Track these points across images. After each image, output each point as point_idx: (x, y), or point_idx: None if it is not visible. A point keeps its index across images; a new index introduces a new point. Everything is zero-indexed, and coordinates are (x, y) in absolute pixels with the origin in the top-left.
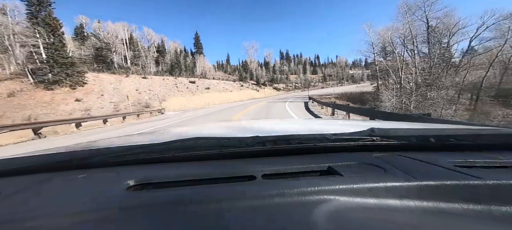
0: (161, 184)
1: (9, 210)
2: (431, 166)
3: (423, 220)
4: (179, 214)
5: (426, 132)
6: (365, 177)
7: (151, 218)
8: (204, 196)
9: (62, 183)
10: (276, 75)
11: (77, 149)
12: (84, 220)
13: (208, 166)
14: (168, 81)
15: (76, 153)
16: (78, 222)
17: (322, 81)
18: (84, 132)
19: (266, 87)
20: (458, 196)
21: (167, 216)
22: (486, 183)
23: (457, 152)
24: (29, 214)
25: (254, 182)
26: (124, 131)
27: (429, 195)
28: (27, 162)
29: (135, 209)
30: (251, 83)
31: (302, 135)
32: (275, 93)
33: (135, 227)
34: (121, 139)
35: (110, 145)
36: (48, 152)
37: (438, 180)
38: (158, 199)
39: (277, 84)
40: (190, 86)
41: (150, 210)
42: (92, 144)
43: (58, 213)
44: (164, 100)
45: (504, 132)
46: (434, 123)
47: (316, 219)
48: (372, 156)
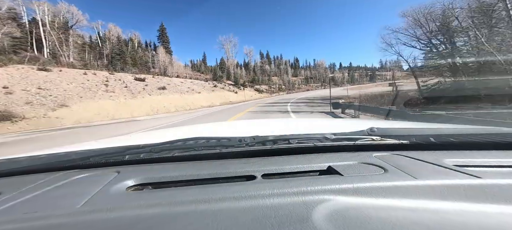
0: (161, 184)
1: (9, 210)
2: (431, 166)
3: (423, 219)
4: (179, 214)
5: (426, 131)
6: (365, 176)
7: (151, 218)
8: (204, 196)
9: (62, 183)
10: (257, 76)
11: (77, 149)
12: (84, 220)
13: (208, 166)
14: (95, 77)
15: (76, 153)
16: (78, 222)
17: (304, 83)
18: None
19: (246, 88)
20: (458, 195)
21: (167, 215)
22: (486, 182)
23: (457, 151)
24: (29, 214)
25: (254, 181)
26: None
27: (429, 194)
28: (27, 162)
29: (135, 209)
30: (227, 84)
31: (302, 135)
32: (258, 96)
33: (135, 227)
34: (121, 138)
35: (110, 144)
36: (48, 152)
37: (438, 179)
38: (159, 198)
39: (258, 86)
40: (134, 86)
41: (150, 210)
42: (92, 143)
43: (58, 213)
44: (64, 105)
45: (504, 131)
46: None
47: (316, 218)
48: (372, 155)
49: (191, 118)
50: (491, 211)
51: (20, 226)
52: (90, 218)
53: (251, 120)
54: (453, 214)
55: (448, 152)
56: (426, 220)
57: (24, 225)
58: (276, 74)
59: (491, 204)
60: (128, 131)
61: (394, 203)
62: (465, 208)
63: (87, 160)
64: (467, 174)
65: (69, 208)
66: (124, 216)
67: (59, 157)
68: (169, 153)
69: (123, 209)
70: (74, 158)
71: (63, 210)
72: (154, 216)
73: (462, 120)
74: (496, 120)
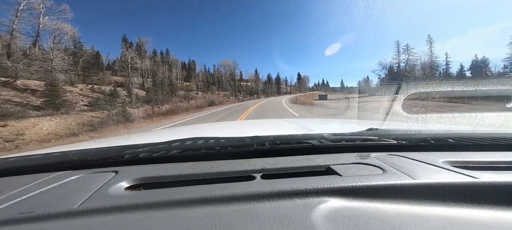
0: (161, 183)
1: (8, 209)
2: (429, 166)
3: (421, 219)
4: (178, 214)
5: (424, 132)
6: (364, 176)
7: (149, 218)
8: (203, 196)
9: (59, 183)
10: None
11: (76, 148)
12: (82, 220)
13: (207, 166)
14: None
15: (75, 153)
16: (75, 222)
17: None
18: None
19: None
20: (455, 195)
21: (166, 215)
22: (483, 182)
23: (454, 152)
24: (26, 214)
25: (253, 181)
26: None
27: (426, 194)
28: (27, 161)
29: (134, 208)
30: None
31: (301, 135)
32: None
33: (134, 227)
34: (120, 138)
35: (109, 144)
36: (47, 151)
37: (436, 179)
38: (157, 198)
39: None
40: None
41: (149, 210)
42: (90, 143)
43: (55, 213)
44: None
45: (500, 133)
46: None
47: (315, 218)
48: (371, 156)
49: None
50: (487, 210)
51: (17, 226)
52: (88, 218)
53: (251, 120)
54: (451, 213)
55: (446, 152)
56: (424, 219)
57: (21, 225)
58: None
59: (487, 204)
60: None
61: (392, 203)
62: (462, 208)
63: (85, 159)
64: (464, 174)
65: (66, 208)
66: (122, 216)
67: (57, 157)
68: (167, 153)
69: (121, 209)
70: (72, 158)
71: (60, 210)
72: (152, 216)
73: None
74: None
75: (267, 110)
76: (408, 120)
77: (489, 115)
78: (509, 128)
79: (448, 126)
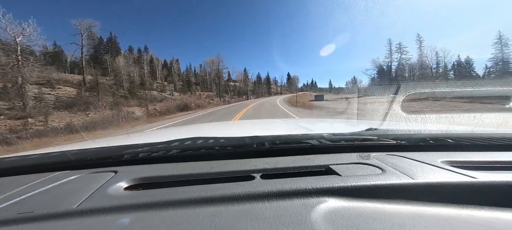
0: (160, 183)
1: (7, 209)
2: (428, 166)
3: (420, 219)
4: (177, 214)
5: (423, 132)
6: (363, 176)
7: (149, 218)
8: (203, 196)
9: (58, 183)
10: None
11: (76, 148)
12: (81, 220)
13: (206, 165)
14: None
15: (74, 153)
16: (74, 222)
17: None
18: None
19: None
20: (454, 195)
21: (165, 215)
22: (481, 182)
23: (453, 152)
24: (24, 214)
25: (253, 181)
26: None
27: (426, 194)
28: (25, 161)
29: (134, 208)
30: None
31: (301, 135)
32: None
33: (133, 227)
34: (119, 138)
35: (109, 144)
36: (46, 151)
37: (435, 179)
38: (157, 198)
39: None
40: None
41: (148, 210)
42: (89, 143)
43: (56, 213)
44: None
45: (499, 133)
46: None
47: (314, 218)
48: (370, 156)
49: None
50: (486, 210)
51: (16, 226)
52: (87, 218)
53: (251, 120)
54: (449, 213)
55: (445, 152)
56: (423, 219)
57: (20, 225)
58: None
59: (485, 203)
60: None
61: (391, 203)
62: (460, 207)
63: (84, 159)
64: (462, 174)
65: (65, 208)
66: (122, 216)
67: (56, 157)
68: (167, 153)
69: (121, 209)
70: (70, 158)
71: (59, 210)
72: (152, 216)
73: None
74: None
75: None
76: (408, 120)
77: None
78: (508, 128)
79: (447, 126)
